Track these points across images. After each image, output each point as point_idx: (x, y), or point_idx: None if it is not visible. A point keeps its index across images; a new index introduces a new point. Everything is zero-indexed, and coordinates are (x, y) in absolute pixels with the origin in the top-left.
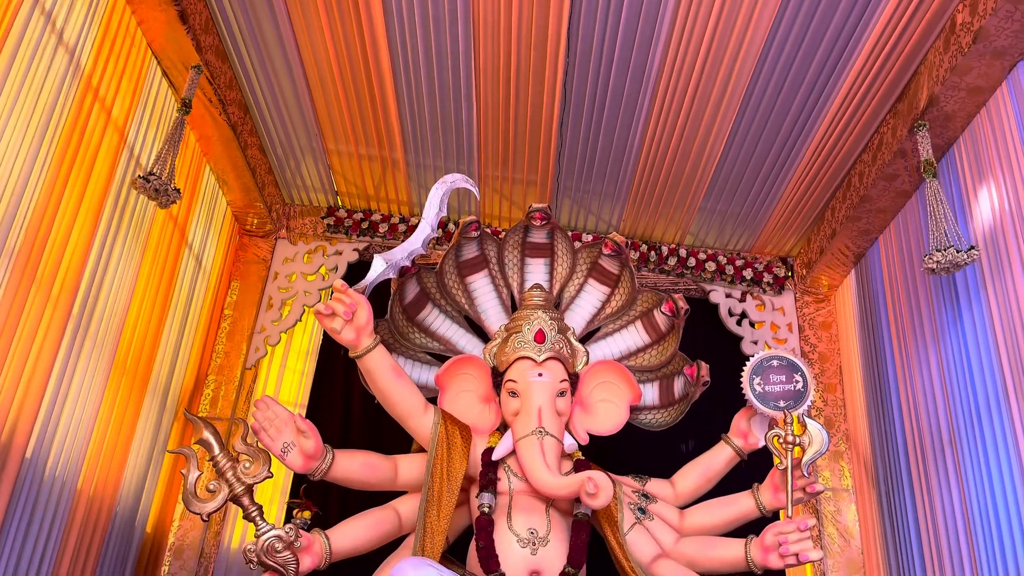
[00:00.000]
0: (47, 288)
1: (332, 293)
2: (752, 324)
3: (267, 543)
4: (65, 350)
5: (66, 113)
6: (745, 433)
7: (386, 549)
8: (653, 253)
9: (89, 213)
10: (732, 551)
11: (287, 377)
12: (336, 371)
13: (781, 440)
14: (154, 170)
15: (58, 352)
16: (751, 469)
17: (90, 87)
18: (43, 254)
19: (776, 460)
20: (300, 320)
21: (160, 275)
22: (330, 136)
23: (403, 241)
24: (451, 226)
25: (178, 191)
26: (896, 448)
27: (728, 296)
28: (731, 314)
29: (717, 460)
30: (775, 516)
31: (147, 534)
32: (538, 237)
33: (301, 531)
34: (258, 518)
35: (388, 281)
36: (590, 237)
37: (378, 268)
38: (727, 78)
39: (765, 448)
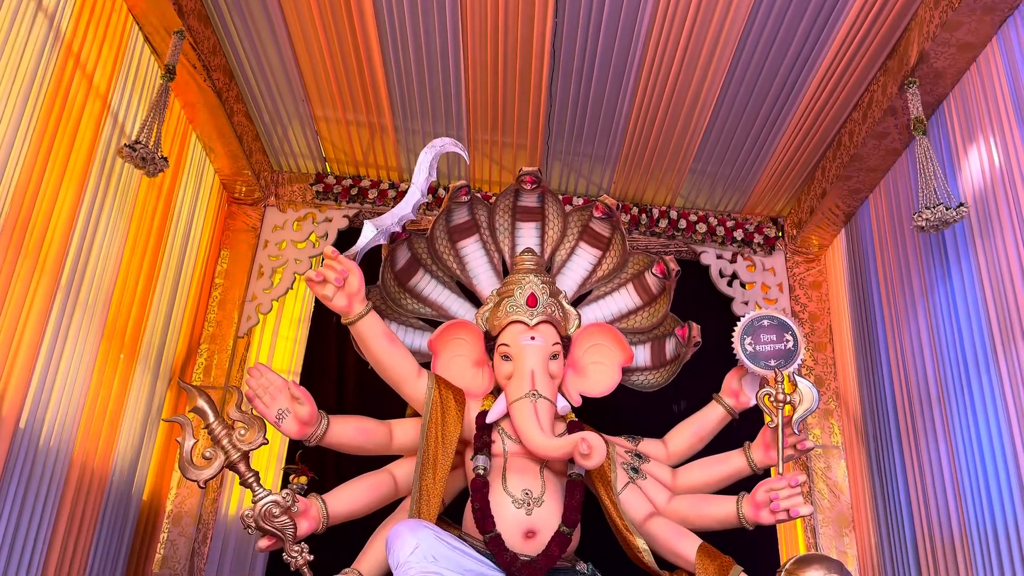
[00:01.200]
0: (34, 258)
1: (323, 260)
2: (743, 285)
3: (264, 508)
4: (55, 320)
5: (47, 81)
6: (736, 392)
7: (382, 513)
8: (644, 216)
9: (73, 182)
10: (724, 508)
11: (280, 345)
12: (329, 338)
13: (772, 399)
14: (140, 138)
15: (48, 322)
16: (742, 428)
17: (71, 53)
18: (29, 224)
19: (767, 418)
20: (291, 288)
21: (148, 244)
22: (317, 102)
23: (393, 207)
24: (441, 191)
25: (165, 159)
26: (885, 405)
27: (719, 257)
28: (722, 275)
29: (709, 419)
30: (766, 473)
31: (144, 502)
32: (529, 201)
33: (298, 496)
34: (255, 484)
35: (379, 247)
36: (581, 200)
37: (368, 234)
38: (716, 39)
39: (756, 407)
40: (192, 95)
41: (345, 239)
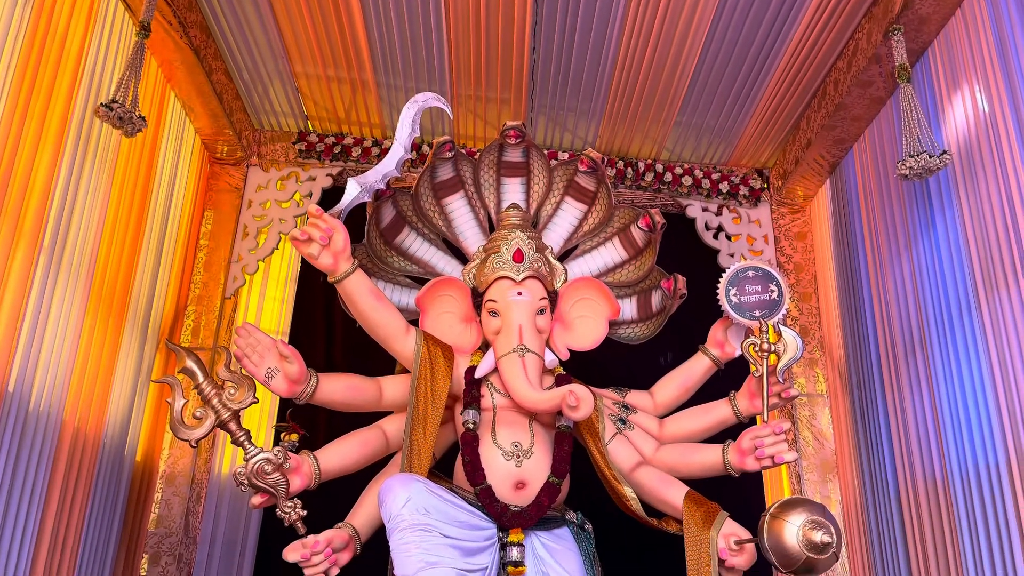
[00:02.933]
0: (13, 221)
1: (307, 219)
2: (729, 237)
3: (256, 466)
4: (39, 283)
5: (20, 41)
6: (722, 343)
7: (374, 468)
8: (630, 169)
9: (50, 144)
10: (710, 456)
11: (267, 305)
12: (317, 297)
13: (757, 348)
14: (116, 98)
15: (31, 285)
16: (728, 378)
17: (43, 11)
18: (7, 186)
19: (752, 368)
20: (277, 248)
21: (131, 206)
22: (297, 58)
23: (376, 164)
24: (425, 148)
25: (143, 119)
26: (869, 353)
27: (705, 210)
28: (708, 228)
29: (695, 370)
30: (752, 422)
31: (138, 463)
32: (513, 156)
33: (289, 453)
34: (246, 442)
35: (364, 205)
36: (566, 155)
37: (352, 192)
38: None
39: (742, 357)
40: (169, 53)
41: (329, 198)
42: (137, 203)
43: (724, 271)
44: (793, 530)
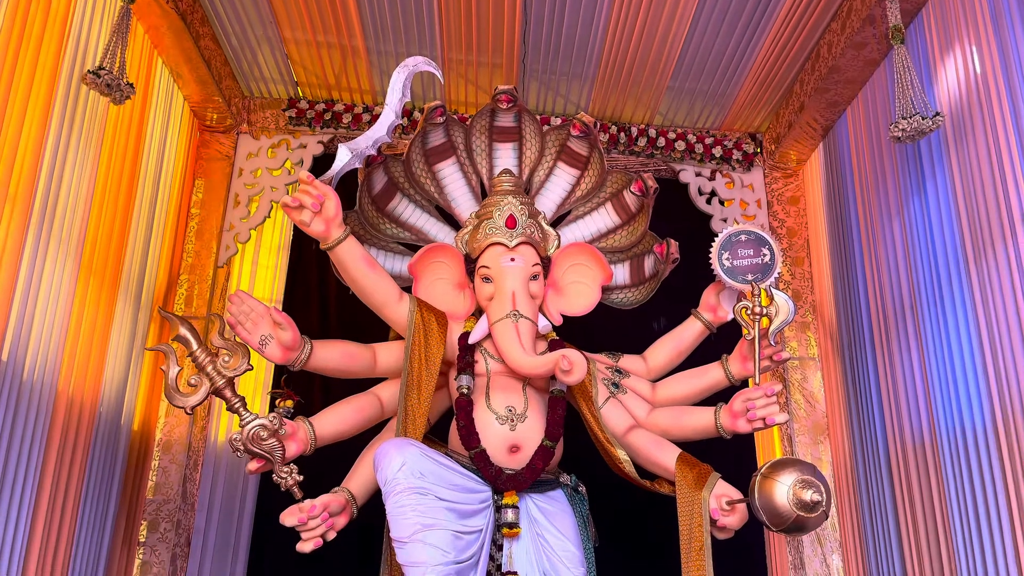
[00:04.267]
0: (3, 190)
1: (299, 186)
2: (722, 202)
3: (252, 432)
4: (30, 253)
5: (4, 8)
6: (714, 307)
7: (370, 433)
8: (623, 135)
9: (38, 112)
10: (702, 418)
11: (260, 274)
12: (310, 265)
13: (749, 311)
14: (103, 64)
15: (23, 254)
16: (720, 342)
17: None
18: None
19: (744, 331)
20: (269, 216)
21: (121, 174)
22: (286, 23)
23: (367, 130)
24: (416, 114)
25: (131, 86)
26: (860, 317)
27: (698, 175)
28: (701, 193)
29: (687, 334)
30: (744, 385)
31: (134, 431)
32: (505, 121)
33: (285, 419)
34: (242, 409)
35: (355, 172)
36: (559, 120)
37: (343, 158)
38: None
39: (734, 321)
40: (155, 18)
41: (320, 165)
42: (127, 171)
43: (717, 236)
44: (784, 489)
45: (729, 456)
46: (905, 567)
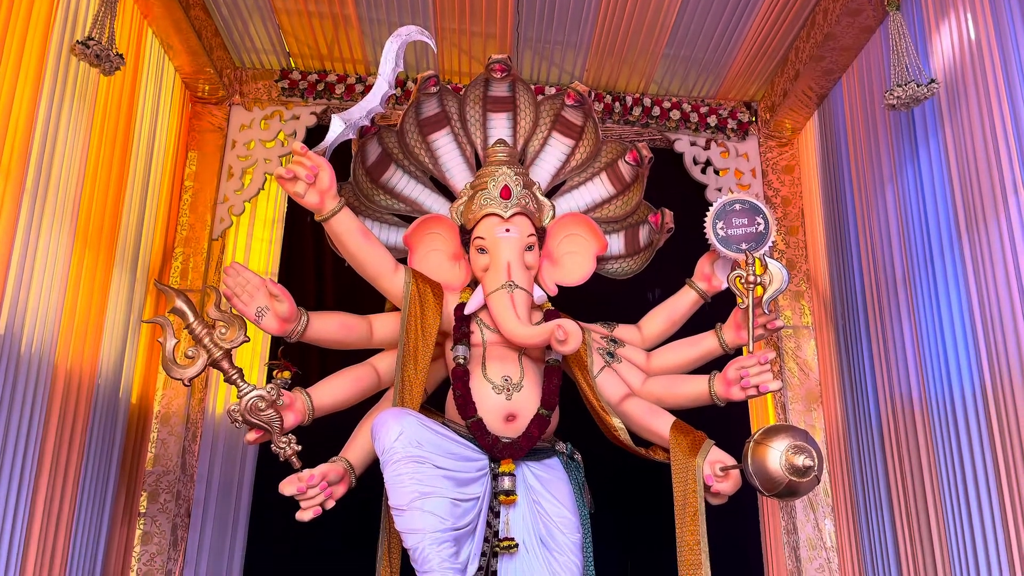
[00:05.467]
0: None
1: (292, 157)
2: (716, 171)
3: (250, 403)
4: (24, 227)
5: None
6: (709, 276)
7: (367, 404)
8: (617, 104)
9: (29, 83)
10: (696, 387)
11: (255, 246)
12: (305, 237)
13: (743, 280)
14: (93, 35)
15: (17, 228)
16: (715, 311)
17: None
18: None
19: (739, 300)
20: (263, 188)
21: (113, 147)
22: None
23: (361, 100)
24: (409, 84)
25: (121, 56)
26: (854, 285)
27: (693, 144)
28: (696, 162)
29: (682, 303)
30: (738, 353)
31: (133, 404)
32: (499, 90)
33: (282, 390)
34: (239, 380)
35: (349, 143)
36: (553, 90)
37: (337, 129)
38: None
39: (728, 290)
40: None
41: (314, 136)
42: (119, 144)
43: (712, 205)
44: (776, 455)
45: (723, 424)
46: (895, 530)
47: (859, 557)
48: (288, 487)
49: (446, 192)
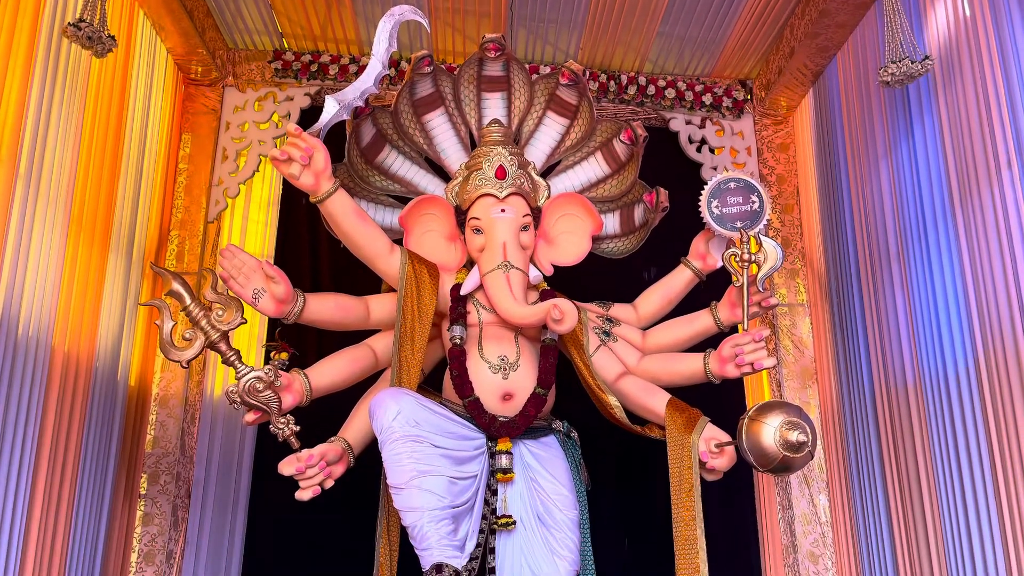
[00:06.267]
0: None
1: (287, 139)
2: (712, 150)
3: (248, 384)
4: (19, 210)
5: None
6: (704, 255)
7: (366, 384)
8: (612, 83)
9: (20, 66)
10: (692, 364)
11: (251, 228)
12: (300, 219)
13: (737, 258)
14: (84, 16)
15: (11, 212)
16: (710, 290)
17: None
18: None
19: (734, 278)
20: (258, 170)
21: (106, 129)
22: None
23: (354, 81)
24: (403, 64)
25: (113, 38)
26: (848, 262)
27: (688, 123)
28: (691, 141)
29: (677, 282)
30: (732, 331)
31: (131, 387)
32: (493, 70)
33: (280, 371)
34: (237, 362)
35: (344, 124)
36: (547, 69)
37: (331, 110)
38: None
39: (723, 268)
40: None
41: (308, 118)
42: (112, 126)
43: (707, 184)
44: (770, 431)
45: (718, 402)
46: (889, 505)
47: (853, 531)
48: (287, 467)
49: (441, 173)
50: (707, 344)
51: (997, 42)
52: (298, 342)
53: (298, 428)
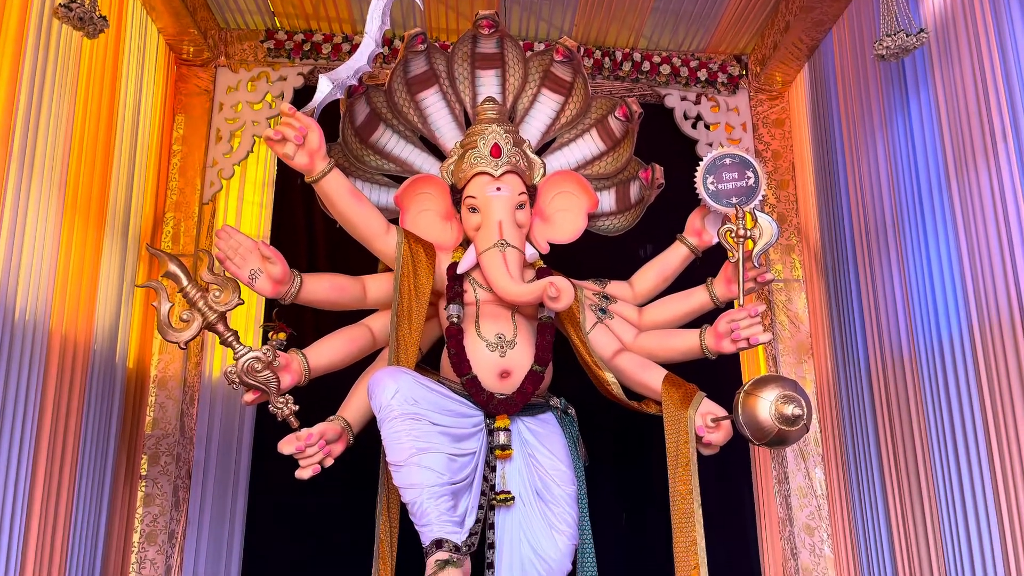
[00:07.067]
0: None
1: (281, 118)
2: (707, 126)
3: (246, 364)
4: (13, 193)
5: None
6: (699, 231)
7: (364, 363)
8: (607, 59)
9: (11, 48)
10: (688, 340)
11: (246, 210)
12: (295, 200)
13: (733, 234)
14: None
15: (6, 195)
16: (706, 266)
17: None
18: None
19: (729, 254)
20: (252, 151)
21: (99, 112)
22: None
23: (348, 60)
24: (396, 42)
25: (104, 19)
26: (844, 237)
27: (683, 99)
28: (686, 117)
29: (673, 259)
30: (728, 307)
31: (129, 369)
32: (487, 47)
33: (278, 351)
34: (235, 342)
35: (337, 103)
36: (542, 46)
37: (324, 89)
38: None
39: (719, 244)
40: None
41: (301, 98)
42: (105, 108)
43: (702, 160)
44: (766, 405)
45: (714, 377)
46: (884, 478)
47: (849, 504)
48: (287, 446)
49: (436, 151)
50: (703, 320)
51: (993, 15)
52: (295, 322)
53: (297, 408)
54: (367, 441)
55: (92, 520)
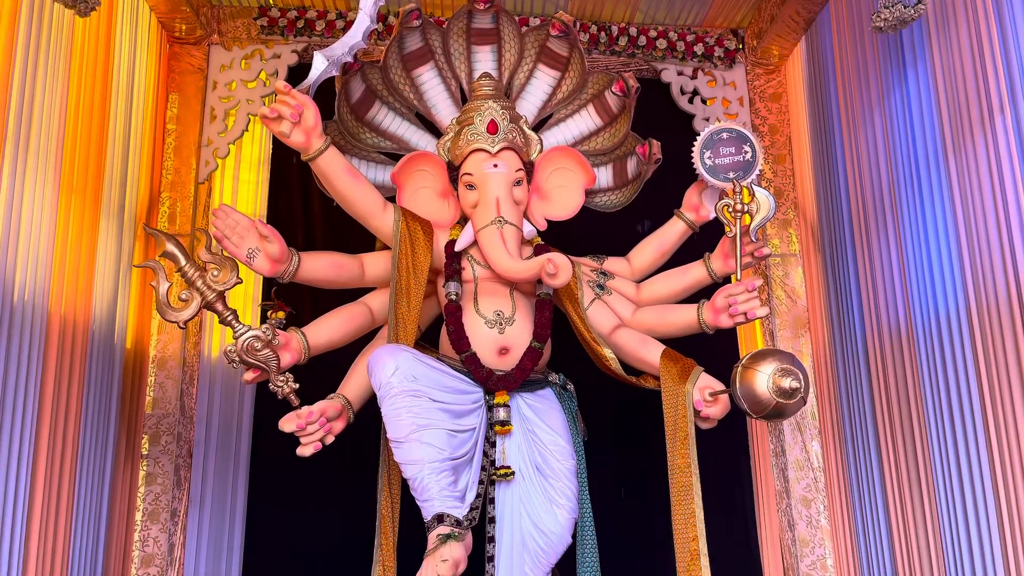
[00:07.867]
0: None
1: (276, 96)
2: (704, 101)
3: (246, 343)
4: (8, 174)
5: None
6: (697, 206)
7: (363, 341)
8: (603, 34)
9: (3, 27)
10: (686, 315)
11: (242, 189)
12: (292, 178)
13: (730, 209)
14: None
15: (1, 176)
16: (703, 241)
17: None
18: None
19: (727, 228)
20: (247, 130)
21: (92, 91)
22: None
23: (343, 36)
24: (391, 18)
25: None
26: (841, 211)
27: (680, 74)
28: (683, 92)
29: (670, 234)
30: (726, 281)
31: (128, 349)
32: (483, 22)
33: (277, 330)
34: (234, 321)
35: (333, 81)
36: (537, 21)
37: (319, 66)
38: None
39: (716, 219)
40: None
41: (295, 76)
42: (99, 88)
43: (699, 135)
44: (764, 378)
45: (712, 351)
46: (880, 450)
47: (845, 477)
48: (287, 424)
49: (432, 128)
50: (701, 295)
51: None
52: (294, 301)
53: (297, 386)
54: (368, 418)
55: (95, 499)
